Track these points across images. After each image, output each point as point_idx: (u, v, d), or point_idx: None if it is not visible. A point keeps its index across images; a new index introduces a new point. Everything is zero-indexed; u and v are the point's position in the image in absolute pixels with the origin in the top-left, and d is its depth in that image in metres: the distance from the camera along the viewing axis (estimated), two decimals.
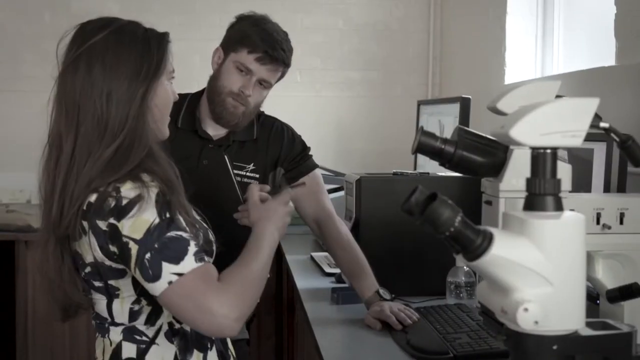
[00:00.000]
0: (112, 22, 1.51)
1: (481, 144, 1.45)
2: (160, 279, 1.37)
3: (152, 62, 1.48)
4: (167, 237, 1.38)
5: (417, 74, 4.36)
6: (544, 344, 1.03)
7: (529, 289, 1.02)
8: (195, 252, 1.39)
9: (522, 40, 3.25)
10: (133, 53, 1.47)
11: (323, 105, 4.32)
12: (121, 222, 1.38)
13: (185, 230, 1.41)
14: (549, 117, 1.04)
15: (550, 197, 1.05)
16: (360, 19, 4.32)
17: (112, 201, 1.39)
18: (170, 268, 1.37)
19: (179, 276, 1.37)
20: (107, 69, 1.44)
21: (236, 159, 2.16)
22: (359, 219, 2.23)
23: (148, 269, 1.37)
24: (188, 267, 1.37)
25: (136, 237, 1.37)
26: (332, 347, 1.79)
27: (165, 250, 1.37)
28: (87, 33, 1.49)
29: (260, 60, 2.09)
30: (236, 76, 2.10)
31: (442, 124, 2.93)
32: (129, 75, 1.45)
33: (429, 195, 1.04)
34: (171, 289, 1.37)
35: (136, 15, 4.74)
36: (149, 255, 1.37)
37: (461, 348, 1.68)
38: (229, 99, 2.10)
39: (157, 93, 1.49)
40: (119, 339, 1.50)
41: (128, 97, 1.44)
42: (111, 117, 1.43)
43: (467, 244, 1.03)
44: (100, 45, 1.46)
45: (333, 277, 2.51)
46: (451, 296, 2.06)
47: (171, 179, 1.46)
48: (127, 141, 1.43)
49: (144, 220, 1.37)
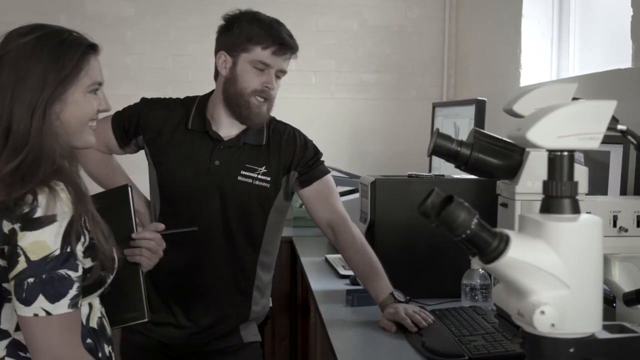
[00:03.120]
0: (36, 30, 1.49)
1: (497, 146, 1.45)
2: (29, 307, 1.38)
3: (60, 72, 1.46)
4: (57, 273, 1.39)
5: (432, 76, 4.35)
6: (560, 346, 1.03)
7: (546, 291, 1.01)
8: (73, 297, 1.41)
9: (538, 42, 3.24)
10: (42, 63, 1.45)
11: (337, 108, 4.32)
12: (23, 232, 1.38)
13: (76, 268, 1.41)
14: (566, 120, 1.04)
15: (567, 199, 1.05)
16: (375, 21, 4.32)
17: (26, 208, 1.38)
18: (43, 303, 1.38)
19: (47, 314, 1.39)
20: (15, 76, 1.44)
21: (248, 161, 2.17)
22: (374, 221, 2.23)
23: (24, 291, 1.38)
24: (60, 310, 1.39)
25: (31, 257, 1.38)
26: (347, 350, 1.79)
27: (48, 285, 1.38)
28: (8, 39, 1.48)
29: (277, 52, 2.10)
30: (255, 74, 2.11)
31: (457, 126, 2.93)
32: (34, 85, 1.44)
33: (445, 197, 1.04)
34: (34, 320, 1.39)
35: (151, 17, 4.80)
36: (31, 280, 1.38)
37: (476, 351, 1.68)
38: (252, 98, 2.11)
39: (67, 104, 1.47)
40: (2, 354, 1.47)
41: (31, 107, 1.43)
42: (14, 124, 1.42)
43: (483, 246, 1.03)
44: (14, 52, 1.45)
45: (348, 279, 2.52)
46: (466, 298, 2.05)
47: (83, 193, 1.45)
48: (31, 157, 1.42)
49: (46, 246, 1.38)
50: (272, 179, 2.18)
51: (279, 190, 2.20)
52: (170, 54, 4.21)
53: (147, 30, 4.19)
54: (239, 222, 2.18)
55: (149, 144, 2.21)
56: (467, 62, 4.16)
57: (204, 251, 2.18)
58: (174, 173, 2.18)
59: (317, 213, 2.22)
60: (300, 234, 3.64)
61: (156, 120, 2.20)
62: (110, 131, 2.22)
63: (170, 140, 2.18)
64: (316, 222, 2.24)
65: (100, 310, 1.59)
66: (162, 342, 2.24)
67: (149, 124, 2.20)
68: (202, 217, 2.15)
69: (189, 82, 4.07)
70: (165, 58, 4.21)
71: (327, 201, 2.22)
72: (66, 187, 1.42)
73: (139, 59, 4.20)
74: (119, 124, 2.23)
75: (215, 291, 2.20)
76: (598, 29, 2.96)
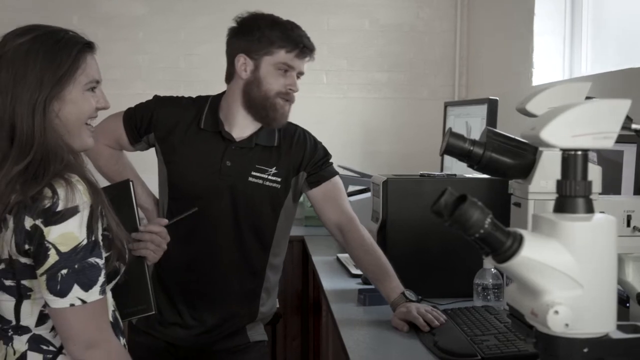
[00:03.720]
0: (32, 30, 1.50)
1: (510, 145, 1.44)
2: (65, 298, 1.42)
3: (56, 71, 1.47)
4: (87, 262, 1.42)
5: (444, 75, 4.34)
6: (574, 346, 1.03)
7: (560, 291, 1.01)
8: (102, 284, 1.46)
9: (550, 40, 3.22)
10: (38, 62, 1.46)
11: (349, 107, 4.32)
12: (48, 227, 1.40)
13: (101, 256, 1.46)
14: (580, 119, 1.03)
15: (581, 199, 1.05)
16: (387, 20, 4.31)
17: (47, 202, 1.40)
18: (78, 292, 1.42)
19: (83, 303, 1.43)
20: (13, 76, 1.45)
21: (259, 161, 2.17)
22: (385, 220, 2.23)
23: (58, 284, 1.41)
24: (93, 297, 1.44)
25: (62, 249, 1.40)
26: (359, 349, 1.79)
27: (81, 274, 1.42)
28: (4, 41, 1.50)
29: (300, 55, 2.13)
30: (279, 77, 2.12)
31: (469, 126, 2.92)
32: (32, 83, 1.45)
33: (459, 196, 1.04)
34: (70, 310, 1.42)
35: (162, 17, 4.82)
36: (65, 272, 1.41)
37: (489, 350, 1.67)
38: (277, 99, 2.13)
39: (65, 103, 1.49)
40: (24, 348, 1.49)
41: (30, 106, 1.44)
42: (17, 125, 1.44)
43: (496, 245, 1.02)
44: (11, 53, 1.47)
45: (359, 279, 2.52)
46: (478, 298, 2.05)
47: (96, 184, 1.48)
48: (39, 155, 1.44)
49: (74, 237, 1.41)
50: (283, 180, 2.18)
51: (288, 191, 2.20)
52: (181, 53, 4.22)
53: (158, 30, 4.20)
54: (249, 222, 2.18)
55: (161, 142, 2.22)
56: (479, 61, 4.15)
57: (213, 252, 2.18)
58: (185, 172, 2.18)
59: (326, 214, 2.22)
60: (311, 233, 3.64)
61: (168, 118, 2.20)
62: (121, 127, 2.22)
63: (182, 139, 2.19)
64: (324, 223, 2.25)
65: (113, 303, 1.61)
66: (169, 342, 2.24)
67: (161, 122, 2.21)
68: (212, 217, 2.16)
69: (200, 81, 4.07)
70: (176, 58, 4.22)
71: (336, 202, 2.22)
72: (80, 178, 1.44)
73: (151, 59, 4.21)
74: (130, 121, 2.23)
75: (224, 292, 2.20)
76: (611, 28, 2.94)
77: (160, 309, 2.18)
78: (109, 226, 1.49)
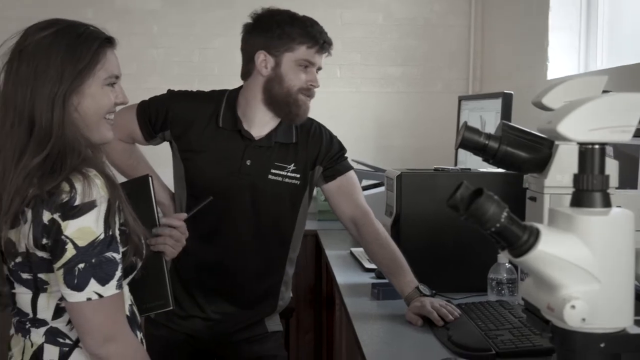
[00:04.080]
0: (53, 25, 1.51)
1: (526, 139, 1.44)
2: (82, 292, 1.42)
3: (76, 65, 1.48)
4: (104, 256, 1.43)
5: (458, 69, 4.33)
6: (591, 341, 1.03)
7: (576, 286, 1.01)
8: (119, 278, 1.46)
9: (565, 35, 3.20)
10: (59, 56, 1.47)
11: (363, 101, 4.31)
12: (65, 222, 1.40)
13: (118, 250, 1.46)
14: (598, 112, 1.03)
15: (598, 193, 1.04)
16: (401, 14, 4.30)
17: (65, 196, 1.40)
18: (95, 286, 1.43)
19: (99, 297, 1.43)
20: (34, 69, 1.46)
21: (278, 159, 2.17)
22: (399, 214, 2.23)
23: (75, 278, 1.42)
24: (109, 291, 1.45)
25: (79, 243, 1.40)
26: (372, 343, 1.79)
27: (98, 268, 1.42)
28: (26, 34, 1.50)
29: (320, 50, 2.14)
30: (301, 73, 2.13)
31: (484, 120, 2.91)
32: (52, 78, 1.46)
33: (475, 190, 1.04)
34: (86, 304, 1.43)
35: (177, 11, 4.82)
36: (82, 266, 1.41)
37: (503, 345, 1.67)
38: (299, 95, 2.13)
39: (84, 97, 1.49)
40: (41, 341, 1.50)
41: (50, 100, 1.45)
42: (36, 118, 1.44)
43: (513, 240, 1.02)
44: (32, 47, 1.47)
45: (373, 273, 2.51)
46: (492, 293, 2.04)
47: (113, 179, 1.48)
48: (56, 149, 1.44)
49: (91, 231, 1.41)
50: (302, 176, 2.19)
51: (307, 186, 2.21)
52: (196, 47, 4.22)
53: (173, 24, 4.21)
54: (270, 220, 2.19)
55: (177, 139, 2.20)
56: (493, 55, 4.13)
57: (234, 248, 2.19)
58: (205, 171, 2.17)
59: (341, 208, 2.22)
60: (325, 227, 3.64)
61: (185, 115, 2.19)
62: (135, 122, 2.20)
63: (200, 136, 2.17)
64: (339, 217, 2.25)
65: (130, 298, 1.61)
66: (188, 334, 2.25)
67: (177, 118, 2.19)
68: (232, 215, 2.16)
69: (215, 75, 4.08)
70: (191, 51, 4.23)
71: (351, 196, 2.22)
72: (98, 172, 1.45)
73: (166, 53, 4.22)
74: (144, 115, 2.20)
75: (244, 288, 2.21)
76: (626, 21, 2.92)
77: (179, 302, 2.19)
78: (126, 221, 1.49)
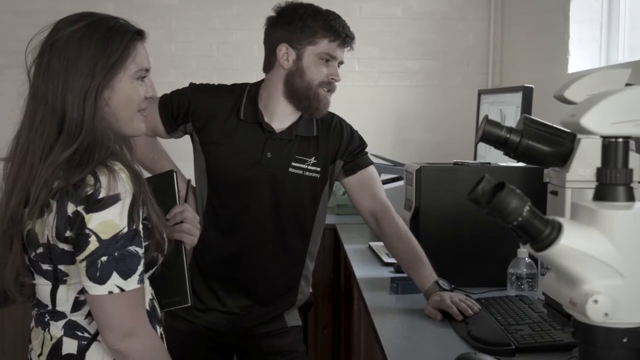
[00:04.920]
0: (84, 18, 1.51)
1: (547, 133, 1.43)
2: (103, 285, 1.43)
3: (108, 59, 1.48)
4: (127, 250, 1.43)
5: (477, 63, 4.30)
6: (613, 336, 1.02)
7: (599, 280, 1.00)
8: (141, 273, 1.46)
9: (587, 28, 3.18)
10: (91, 50, 1.47)
11: (381, 95, 4.30)
12: (89, 214, 1.40)
13: (141, 245, 1.46)
14: (622, 105, 1.02)
15: (621, 187, 1.03)
16: (419, 8, 4.28)
17: (89, 189, 1.40)
18: (117, 280, 1.43)
19: (121, 291, 1.43)
20: (65, 63, 1.46)
21: (298, 152, 2.18)
22: (419, 208, 2.22)
23: (97, 270, 1.42)
24: (131, 285, 1.45)
25: (102, 236, 1.41)
26: (391, 337, 1.79)
27: (120, 262, 1.43)
28: (56, 28, 1.50)
29: (342, 44, 2.15)
30: (322, 66, 2.13)
31: (504, 114, 2.89)
32: (84, 72, 1.46)
33: (497, 184, 1.03)
34: (107, 297, 1.43)
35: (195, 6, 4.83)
36: (105, 259, 1.41)
37: (523, 340, 1.66)
38: (320, 89, 2.13)
39: (114, 91, 1.49)
40: (60, 334, 1.51)
41: (82, 94, 1.45)
42: (68, 112, 1.45)
43: (535, 234, 1.01)
44: (63, 40, 1.47)
45: (392, 267, 2.51)
46: (512, 287, 2.04)
47: (139, 173, 1.48)
48: (86, 144, 1.44)
49: (114, 224, 1.41)
50: (322, 169, 2.19)
51: (326, 180, 2.21)
52: (214, 41, 4.23)
53: (191, 19, 4.22)
54: (290, 213, 2.19)
55: (199, 132, 2.20)
56: (512, 48, 4.11)
57: (254, 242, 2.19)
58: (225, 163, 2.18)
59: (361, 202, 2.23)
60: (343, 222, 3.64)
61: (207, 108, 2.19)
62: (157, 115, 2.20)
63: (221, 129, 2.18)
64: (359, 211, 2.25)
65: (151, 292, 1.62)
66: (208, 327, 2.26)
67: (199, 111, 2.19)
68: (253, 207, 2.17)
69: (233, 69, 4.09)
70: (210, 46, 4.23)
71: (371, 190, 2.22)
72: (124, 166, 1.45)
73: (184, 47, 4.23)
74: (166, 109, 2.21)
75: (265, 282, 2.22)
76: None
77: (200, 295, 2.20)
78: (149, 216, 1.50)
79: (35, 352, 1.54)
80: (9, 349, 3.74)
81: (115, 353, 1.48)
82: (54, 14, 1.56)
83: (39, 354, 1.53)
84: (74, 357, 1.50)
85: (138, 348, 1.47)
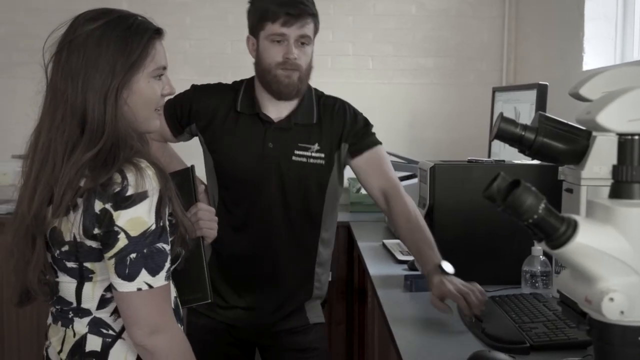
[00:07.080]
0: (103, 15, 1.50)
1: (562, 130, 1.42)
2: (132, 282, 1.43)
3: (128, 58, 1.47)
4: (156, 247, 1.44)
5: (491, 60, 4.29)
6: (629, 334, 1.02)
7: (615, 278, 1.00)
8: (167, 269, 1.47)
9: (601, 25, 3.16)
10: (110, 48, 1.46)
11: (395, 93, 4.29)
12: (117, 212, 1.40)
13: (168, 241, 1.47)
14: (638, 103, 1.01)
15: (637, 184, 1.03)
16: (433, 5, 4.27)
17: (117, 187, 1.40)
18: (145, 277, 1.44)
19: (149, 287, 1.44)
20: (85, 62, 1.45)
21: (300, 140, 2.18)
22: (433, 206, 2.22)
23: (127, 267, 1.42)
24: (159, 282, 1.46)
25: (132, 233, 1.41)
26: (405, 334, 1.78)
27: (149, 259, 1.43)
28: (75, 25, 1.49)
29: (286, 23, 2.10)
30: (274, 48, 2.12)
31: (518, 111, 2.88)
32: (105, 70, 1.45)
33: (512, 181, 1.03)
34: (136, 294, 1.44)
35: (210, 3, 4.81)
36: (134, 256, 1.42)
37: (537, 338, 1.66)
38: (278, 71, 2.13)
39: (132, 90, 1.49)
40: (85, 331, 1.51)
41: (103, 93, 1.45)
42: (89, 112, 1.44)
43: (550, 231, 1.01)
44: (82, 37, 1.46)
45: (405, 265, 2.51)
46: (526, 285, 2.03)
47: (164, 170, 1.49)
48: (109, 143, 1.44)
49: (143, 221, 1.42)
50: (327, 155, 2.19)
51: (333, 166, 2.21)
52: (229, 39, 4.23)
53: (206, 16, 4.22)
54: (298, 201, 2.19)
55: (203, 131, 2.23)
56: (527, 46, 4.09)
57: (267, 233, 2.20)
58: (230, 158, 2.20)
59: (370, 181, 2.21)
60: (357, 219, 3.64)
61: (208, 106, 2.22)
62: (163, 119, 2.22)
63: (223, 126, 2.20)
64: (369, 191, 2.23)
65: (175, 290, 1.62)
66: (229, 324, 2.27)
67: (201, 111, 2.22)
68: (262, 200, 2.18)
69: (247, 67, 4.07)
70: (224, 43, 4.24)
71: (380, 169, 2.20)
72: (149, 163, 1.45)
73: (198, 45, 4.24)
74: (171, 113, 2.24)
75: (280, 273, 2.23)
76: None
77: (220, 292, 2.21)
78: (174, 212, 1.50)
79: (55, 349, 1.55)
80: (24, 347, 3.77)
81: (141, 349, 1.48)
82: (67, 12, 1.56)
83: (58, 350, 1.54)
84: (98, 354, 1.51)
85: (164, 344, 1.48)
